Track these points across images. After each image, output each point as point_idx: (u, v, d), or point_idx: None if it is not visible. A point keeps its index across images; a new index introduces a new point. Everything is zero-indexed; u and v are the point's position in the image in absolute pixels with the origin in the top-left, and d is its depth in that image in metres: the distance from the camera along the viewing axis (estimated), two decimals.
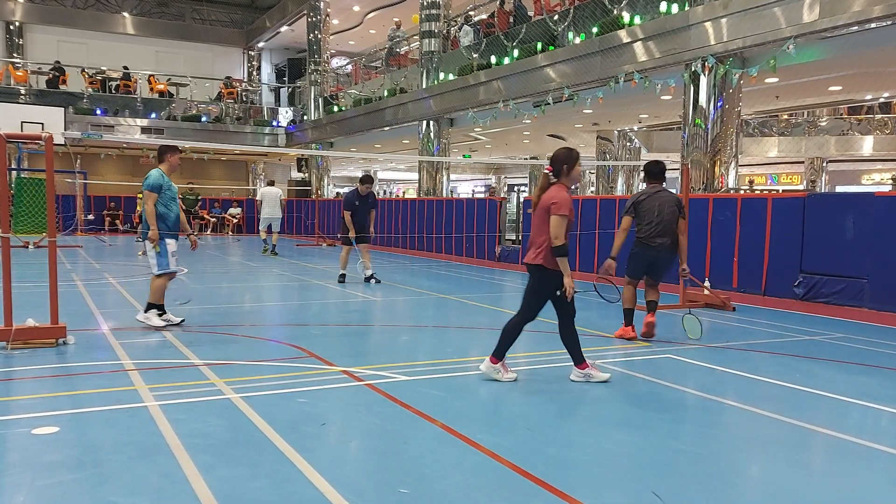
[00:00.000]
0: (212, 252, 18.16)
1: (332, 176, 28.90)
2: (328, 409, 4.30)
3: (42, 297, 7.06)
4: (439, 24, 19.06)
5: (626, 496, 3.08)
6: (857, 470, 3.48)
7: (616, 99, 14.01)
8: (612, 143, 21.50)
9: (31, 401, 4.42)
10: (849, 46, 10.27)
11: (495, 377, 5.00)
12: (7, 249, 5.87)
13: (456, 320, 7.99)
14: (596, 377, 5.04)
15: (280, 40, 32.03)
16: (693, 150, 11.56)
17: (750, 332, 7.28)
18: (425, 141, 19.50)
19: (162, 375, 5.09)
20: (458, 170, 35.61)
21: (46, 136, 6.01)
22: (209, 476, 3.19)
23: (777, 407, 4.49)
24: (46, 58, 27.31)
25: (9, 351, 5.71)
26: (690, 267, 7.26)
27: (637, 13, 12.64)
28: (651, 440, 3.93)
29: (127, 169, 29.32)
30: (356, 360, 5.62)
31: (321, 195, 26.62)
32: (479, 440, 3.73)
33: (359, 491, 3.06)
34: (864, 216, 8.66)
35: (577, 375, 5.07)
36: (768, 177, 31.05)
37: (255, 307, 9.03)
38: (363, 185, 11.08)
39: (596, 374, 5.05)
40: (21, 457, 3.44)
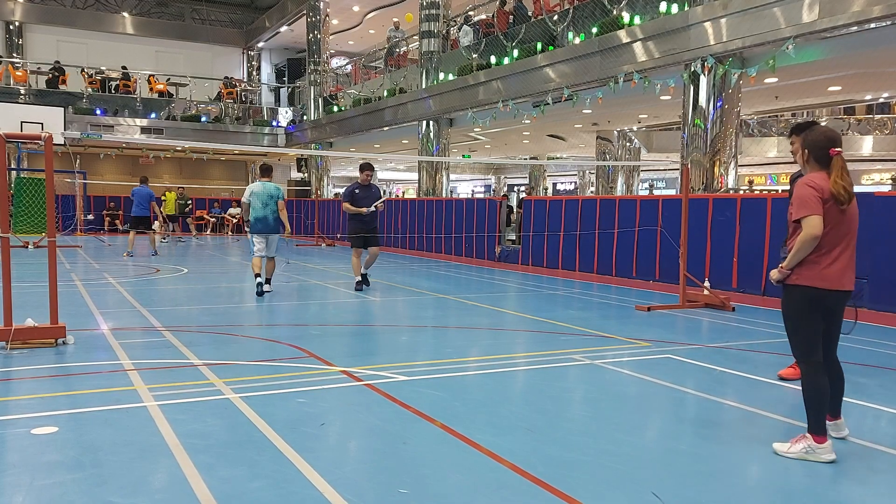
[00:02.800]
0: (211, 252, 18.15)
1: (331, 176, 28.89)
2: (328, 410, 4.30)
3: (41, 297, 7.06)
4: (439, 24, 19.06)
5: (626, 496, 3.08)
6: (857, 470, 3.48)
7: (616, 99, 14.01)
8: (611, 143, 21.50)
9: (31, 401, 4.42)
10: (848, 46, 10.28)
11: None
12: (7, 249, 5.86)
13: (456, 321, 7.98)
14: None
15: (280, 40, 32.03)
16: (693, 150, 11.56)
17: (749, 333, 7.28)
18: (425, 141, 19.50)
19: (161, 375, 5.08)
20: (457, 170, 35.62)
21: (46, 135, 6.00)
22: (209, 476, 3.19)
23: (777, 407, 4.49)
24: (46, 58, 27.30)
25: (8, 351, 5.70)
26: (690, 267, 7.23)
27: (637, 13, 12.64)
28: (651, 440, 3.93)
29: (126, 169, 29.32)
30: (356, 361, 5.61)
31: (321, 195, 26.62)
32: (479, 440, 3.73)
33: (358, 491, 3.06)
34: (864, 216, 8.65)
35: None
36: (768, 177, 31.07)
37: (255, 307, 9.03)
38: (364, 173, 9.99)
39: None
40: (20, 457, 3.43)
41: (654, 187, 33.64)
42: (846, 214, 3.61)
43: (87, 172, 24.23)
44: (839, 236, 3.59)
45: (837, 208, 3.56)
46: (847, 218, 3.61)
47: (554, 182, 40.66)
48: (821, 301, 3.61)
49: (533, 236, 14.09)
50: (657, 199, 11.70)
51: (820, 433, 3.59)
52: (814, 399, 3.61)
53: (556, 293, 10.59)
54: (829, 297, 3.60)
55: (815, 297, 3.60)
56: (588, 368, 5.51)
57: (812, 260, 3.58)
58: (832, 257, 3.58)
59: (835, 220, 3.57)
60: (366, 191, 10.06)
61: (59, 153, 18.05)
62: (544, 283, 11.79)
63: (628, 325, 7.51)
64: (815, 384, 3.61)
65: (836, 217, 3.57)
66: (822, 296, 3.59)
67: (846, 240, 3.62)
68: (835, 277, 3.58)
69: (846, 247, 3.62)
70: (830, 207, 3.55)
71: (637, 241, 11.61)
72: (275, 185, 9.73)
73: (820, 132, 3.68)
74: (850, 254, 3.64)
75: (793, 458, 3.58)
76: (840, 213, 3.58)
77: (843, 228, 3.60)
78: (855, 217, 3.66)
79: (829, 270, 3.57)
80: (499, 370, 5.50)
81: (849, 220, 3.62)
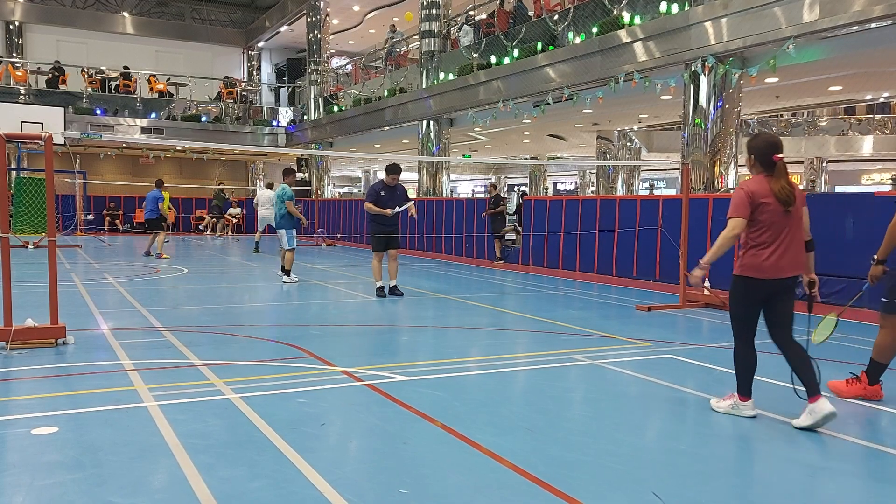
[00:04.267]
0: (211, 252, 18.16)
1: (331, 176, 28.90)
2: (328, 410, 4.29)
3: (42, 297, 7.06)
4: (439, 23, 19.06)
5: (626, 496, 3.07)
6: (857, 470, 3.48)
7: (616, 99, 14.01)
8: (612, 143, 21.51)
9: (31, 401, 4.42)
10: (849, 46, 10.27)
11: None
12: (7, 249, 5.86)
13: (456, 321, 7.98)
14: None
15: (280, 40, 32.03)
16: (693, 150, 11.56)
17: None
18: (425, 141, 19.50)
19: (161, 375, 5.08)
20: (457, 170, 35.61)
21: (46, 135, 6.00)
22: (209, 476, 3.18)
23: (776, 407, 4.48)
24: (46, 57, 27.30)
25: (8, 351, 5.70)
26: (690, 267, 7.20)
27: (637, 13, 12.63)
28: (651, 440, 3.92)
29: (126, 169, 29.32)
30: (356, 361, 5.61)
31: (321, 195, 26.62)
32: (479, 440, 3.73)
33: (358, 491, 3.06)
34: (864, 216, 8.66)
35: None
36: None
37: (255, 307, 9.03)
38: (390, 176, 9.58)
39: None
40: (20, 457, 3.43)
41: (655, 187, 33.65)
42: (791, 214, 4.04)
43: (87, 172, 24.24)
44: (779, 233, 4.03)
45: (781, 209, 4.00)
46: (792, 217, 4.05)
47: (554, 182, 40.67)
48: (759, 289, 4.10)
49: (533, 236, 14.09)
50: (657, 199, 11.70)
51: (743, 393, 4.25)
52: (740, 368, 4.25)
53: (557, 293, 10.59)
54: (766, 285, 4.08)
55: (753, 286, 4.10)
56: (588, 368, 5.51)
57: (753, 254, 4.06)
58: (770, 251, 4.03)
59: (777, 220, 4.02)
60: (391, 192, 9.62)
61: (59, 153, 18.06)
62: (544, 283, 11.79)
63: (629, 325, 7.51)
64: (742, 356, 4.24)
65: (779, 217, 4.02)
66: (759, 285, 4.08)
67: (788, 236, 4.06)
68: (771, 268, 4.03)
69: (789, 241, 4.06)
70: (774, 208, 4.00)
71: (637, 241, 11.61)
72: (281, 187, 11.18)
73: (763, 139, 4.12)
74: (793, 247, 4.08)
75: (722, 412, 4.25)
76: (784, 212, 4.02)
77: (784, 226, 4.04)
78: (799, 216, 4.10)
79: (766, 262, 4.02)
80: (499, 370, 5.50)
81: (794, 219, 4.07)
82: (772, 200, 3.99)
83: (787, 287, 4.12)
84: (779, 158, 4.03)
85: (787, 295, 4.15)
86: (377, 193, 9.55)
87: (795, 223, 4.08)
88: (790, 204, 3.99)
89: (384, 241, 9.60)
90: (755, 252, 4.05)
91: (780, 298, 4.13)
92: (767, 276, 4.04)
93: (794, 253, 4.09)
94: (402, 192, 9.83)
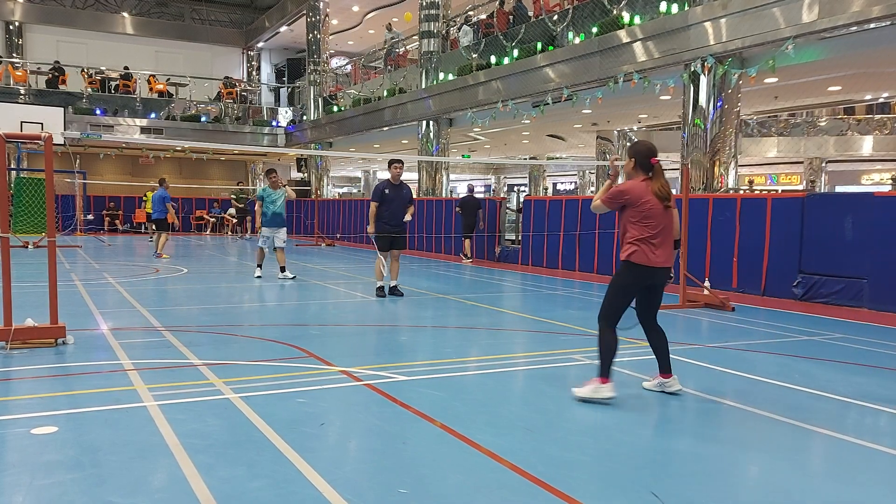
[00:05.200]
0: (211, 252, 18.16)
1: (331, 176, 28.89)
2: (327, 409, 4.29)
3: (41, 297, 7.06)
4: (439, 24, 19.06)
5: (625, 496, 3.07)
6: (857, 470, 3.48)
7: (615, 99, 14.02)
8: (611, 143, 21.52)
9: (30, 401, 4.42)
10: (848, 47, 10.28)
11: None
12: (6, 249, 5.86)
13: (455, 320, 7.98)
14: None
15: (279, 40, 32.03)
16: (693, 150, 11.57)
17: (749, 333, 7.28)
18: (424, 141, 19.50)
19: (161, 375, 5.08)
20: (457, 170, 35.62)
21: (46, 135, 6.00)
22: (208, 476, 3.18)
23: (776, 407, 4.49)
24: (46, 58, 27.31)
25: (8, 351, 5.70)
26: (691, 267, 7.23)
27: (636, 13, 12.64)
28: (651, 440, 3.93)
29: (126, 169, 29.33)
30: (355, 360, 5.61)
31: (321, 195, 26.62)
32: (479, 440, 3.73)
33: (358, 491, 3.06)
34: (864, 216, 8.67)
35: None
36: (768, 177, 31.07)
37: (254, 307, 9.03)
38: (393, 168, 9.33)
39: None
40: (20, 457, 3.43)
41: None
42: (669, 212, 4.58)
43: (87, 172, 24.23)
44: (660, 227, 4.54)
45: (662, 205, 4.53)
46: (669, 214, 4.58)
47: (554, 182, 40.66)
48: (645, 278, 4.58)
49: (533, 236, 14.09)
50: None
51: (604, 376, 4.56)
52: (604, 352, 4.56)
53: (556, 293, 10.59)
54: (651, 274, 4.56)
55: (641, 274, 4.56)
56: (588, 368, 5.50)
57: (642, 246, 4.53)
58: (658, 243, 4.54)
59: (657, 215, 4.52)
60: (396, 190, 9.40)
61: (59, 153, 18.05)
62: (544, 283, 11.79)
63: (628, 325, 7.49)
64: (606, 341, 4.57)
65: (659, 213, 4.52)
66: (647, 273, 4.56)
67: (666, 230, 4.58)
68: (657, 259, 4.54)
69: (667, 235, 4.59)
70: (654, 205, 4.51)
71: None
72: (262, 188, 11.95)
73: (643, 145, 4.64)
74: (668, 241, 4.61)
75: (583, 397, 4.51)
76: (665, 209, 4.55)
77: (663, 222, 4.55)
78: (673, 215, 4.63)
79: (653, 254, 4.52)
80: (498, 370, 5.50)
81: (670, 216, 4.59)
82: (652, 198, 4.50)
83: (665, 276, 4.65)
84: (656, 161, 4.57)
85: (663, 284, 4.70)
86: (381, 193, 9.38)
87: (670, 220, 4.61)
88: (667, 200, 4.53)
89: (389, 241, 9.49)
90: (644, 244, 4.52)
91: (659, 287, 4.70)
92: (655, 264, 4.53)
93: (670, 246, 4.62)
94: (408, 191, 9.59)
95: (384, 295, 9.52)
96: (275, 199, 11.42)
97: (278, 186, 11.56)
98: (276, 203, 11.41)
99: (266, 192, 11.50)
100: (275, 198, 11.42)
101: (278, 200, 11.42)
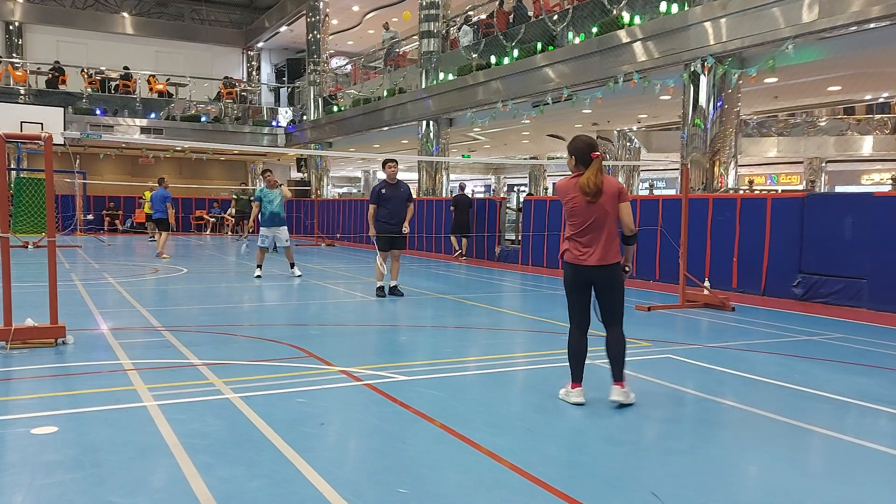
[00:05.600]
0: (210, 252, 18.16)
1: (331, 176, 28.88)
2: (327, 409, 4.30)
3: (41, 297, 7.06)
4: (438, 24, 19.06)
5: (625, 496, 3.08)
6: (856, 470, 3.48)
7: (615, 99, 14.02)
8: (611, 142, 21.52)
9: (30, 401, 4.42)
10: (848, 47, 10.28)
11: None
12: (6, 249, 5.86)
13: (455, 320, 7.99)
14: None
15: (279, 40, 32.02)
16: (692, 150, 11.56)
17: (749, 333, 7.28)
18: (424, 141, 19.50)
19: (161, 375, 5.08)
20: (457, 170, 35.61)
21: (46, 135, 6.00)
22: (208, 476, 3.19)
23: (776, 407, 4.49)
24: (46, 58, 27.30)
25: (8, 351, 5.70)
26: (691, 267, 7.22)
27: (636, 13, 12.64)
28: (651, 440, 3.93)
29: (126, 169, 29.33)
30: (355, 360, 5.61)
31: (320, 195, 26.62)
32: (478, 440, 3.73)
33: (357, 491, 3.06)
34: (864, 216, 8.67)
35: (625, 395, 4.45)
36: (767, 177, 31.07)
37: (254, 307, 9.03)
38: (389, 167, 9.36)
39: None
40: (20, 456, 3.43)
41: (654, 187, 33.64)
42: (595, 206, 4.32)
43: (87, 172, 24.23)
44: (587, 223, 4.34)
45: (584, 200, 4.32)
46: (596, 209, 4.33)
47: (554, 182, 40.66)
48: (576, 275, 4.42)
49: (533, 236, 14.09)
50: (657, 199, 11.70)
51: (574, 380, 4.47)
52: (569, 352, 4.50)
53: (556, 293, 10.59)
54: (580, 271, 4.39)
55: (570, 272, 4.44)
56: (588, 368, 5.48)
57: (571, 243, 4.41)
58: (585, 241, 4.36)
59: (580, 211, 4.35)
60: (393, 190, 9.37)
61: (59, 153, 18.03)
62: (544, 283, 11.79)
63: (628, 325, 7.42)
64: (572, 344, 4.49)
65: (583, 209, 4.34)
66: (574, 271, 4.41)
67: (595, 227, 4.34)
68: (586, 257, 4.35)
69: (596, 232, 4.34)
70: (578, 200, 4.35)
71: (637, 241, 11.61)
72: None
73: (581, 140, 4.47)
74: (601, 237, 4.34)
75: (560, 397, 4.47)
76: (587, 203, 4.33)
77: (591, 218, 4.33)
78: (605, 209, 4.34)
79: (581, 251, 4.36)
80: (498, 370, 5.50)
81: (598, 211, 4.33)
82: (577, 193, 4.34)
83: (604, 275, 4.38)
84: (596, 156, 4.36)
85: (605, 283, 4.41)
86: (378, 193, 9.39)
87: (602, 216, 4.33)
88: (590, 194, 4.28)
89: (389, 241, 9.47)
90: (571, 242, 4.41)
91: (600, 286, 4.42)
92: (581, 262, 4.35)
93: (603, 243, 4.33)
94: (406, 190, 9.54)
95: (384, 295, 9.52)
96: (272, 198, 11.58)
97: (275, 186, 11.71)
98: (274, 203, 11.57)
99: (263, 193, 11.67)
100: (272, 198, 11.58)
101: (275, 200, 11.58)
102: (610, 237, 4.36)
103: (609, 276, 4.39)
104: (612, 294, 4.46)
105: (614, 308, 4.48)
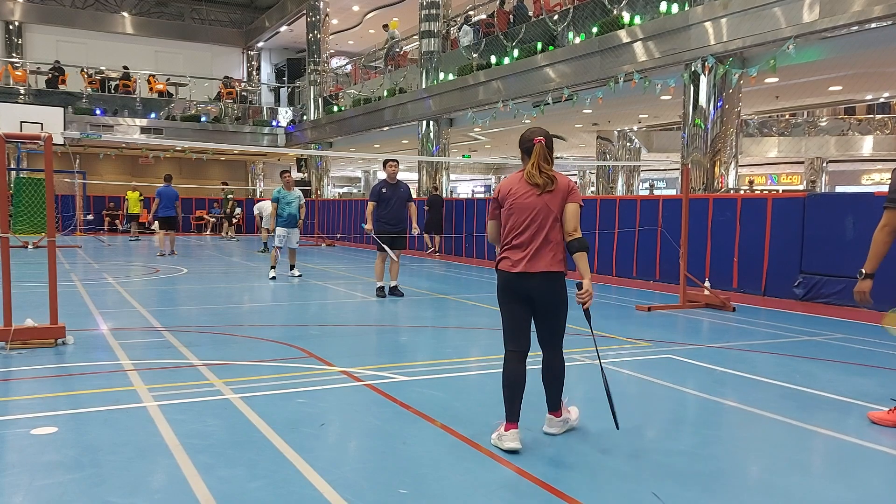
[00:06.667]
0: (211, 252, 18.15)
1: (331, 176, 28.87)
2: (327, 410, 4.29)
3: (41, 297, 7.06)
4: (439, 24, 19.06)
5: (625, 496, 3.07)
6: (857, 471, 3.47)
7: (616, 99, 14.02)
8: (612, 143, 21.52)
9: (30, 401, 4.42)
10: (849, 46, 10.28)
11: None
12: (6, 249, 5.86)
13: (455, 321, 7.98)
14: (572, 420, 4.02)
15: (279, 40, 32.02)
16: (693, 150, 11.56)
17: (750, 333, 7.27)
18: (425, 141, 19.50)
19: (161, 376, 5.08)
20: (457, 170, 35.62)
21: (45, 135, 6.00)
22: (208, 476, 3.18)
23: (777, 407, 4.48)
24: (46, 57, 27.31)
25: (8, 351, 5.70)
26: (692, 268, 7.21)
27: (637, 13, 12.64)
28: (651, 440, 3.92)
29: (126, 169, 29.32)
30: (355, 361, 5.61)
31: (321, 195, 26.61)
32: (479, 440, 3.72)
33: (358, 491, 3.05)
34: (864, 216, 8.66)
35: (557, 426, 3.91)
36: (768, 177, 31.08)
37: (255, 307, 9.03)
38: (389, 167, 9.41)
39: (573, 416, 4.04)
40: (19, 457, 3.43)
41: (655, 187, 33.65)
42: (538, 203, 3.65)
43: (87, 172, 24.23)
44: (525, 223, 3.65)
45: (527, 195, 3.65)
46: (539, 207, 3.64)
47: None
48: (507, 284, 3.71)
49: None
50: (657, 199, 11.70)
51: (508, 420, 3.63)
52: (503, 386, 3.72)
53: None
54: (512, 280, 3.68)
55: (501, 280, 3.75)
56: (588, 368, 5.50)
57: (507, 248, 3.72)
58: (521, 242, 3.66)
59: (518, 209, 3.66)
60: (394, 189, 9.39)
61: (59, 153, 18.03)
62: None
63: (629, 325, 7.50)
64: (504, 371, 3.74)
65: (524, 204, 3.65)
66: (506, 279, 3.71)
67: (536, 227, 3.65)
68: (523, 263, 3.64)
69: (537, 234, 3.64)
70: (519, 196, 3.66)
71: (637, 241, 11.61)
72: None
73: (526, 131, 3.78)
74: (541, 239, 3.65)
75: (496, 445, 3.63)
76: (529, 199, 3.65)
77: (530, 215, 3.65)
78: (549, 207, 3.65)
79: (516, 255, 3.67)
80: (498, 370, 5.47)
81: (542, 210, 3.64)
82: (518, 186, 3.69)
83: (544, 287, 3.68)
84: (538, 141, 3.67)
85: (544, 296, 3.71)
86: (379, 192, 9.41)
87: (546, 214, 3.65)
88: (537, 184, 3.62)
89: (388, 241, 9.49)
90: (507, 246, 3.73)
91: (538, 300, 3.70)
92: (513, 270, 3.66)
93: (545, 247, 3.65)
94: (406, 189, 9.57)
95: (384, 295, 9.52)
96: (290, 200, 11.69)
97: (292, 188, 11.80)
98: (292, 204, 11.71)
99: (281, 194, 11.70)
100: (290, 199, 11.69)
101: (294, 202, 11.72)
102: (553, 242, 3.66)
103: (549, 287, 3.69)
104: (553, 310, 3.76)
105: (554, 327, 3.81)
